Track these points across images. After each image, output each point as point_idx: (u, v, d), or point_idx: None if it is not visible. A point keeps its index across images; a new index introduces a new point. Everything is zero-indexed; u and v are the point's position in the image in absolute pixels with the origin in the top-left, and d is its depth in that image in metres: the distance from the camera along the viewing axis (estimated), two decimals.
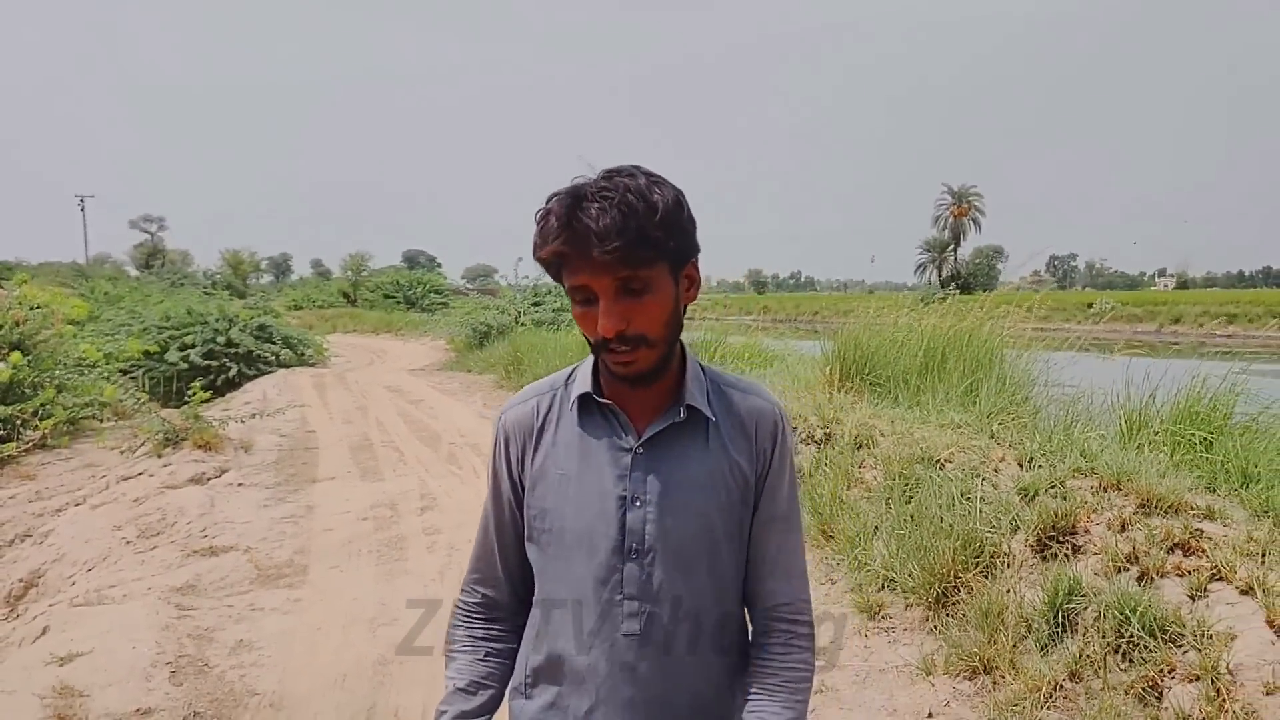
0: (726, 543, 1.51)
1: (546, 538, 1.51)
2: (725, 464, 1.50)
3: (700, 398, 1.50)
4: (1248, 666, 3.29)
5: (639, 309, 1.36)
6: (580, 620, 1.48)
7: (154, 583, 5.75)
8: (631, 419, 1.49)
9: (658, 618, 1.46)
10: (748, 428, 1.53)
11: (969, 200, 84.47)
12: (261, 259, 75.29)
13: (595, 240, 1.30)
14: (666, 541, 1.46)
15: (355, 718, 4.00)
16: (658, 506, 1.46)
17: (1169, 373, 5.87)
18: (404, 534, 6.59)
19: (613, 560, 1.46)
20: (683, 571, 1.47)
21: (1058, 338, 10.96)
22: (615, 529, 1.46)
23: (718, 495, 1.49)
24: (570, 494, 1.49)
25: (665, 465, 1.47)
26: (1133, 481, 4.45)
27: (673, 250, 1.38)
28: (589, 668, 1.48)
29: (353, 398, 14.16)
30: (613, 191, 1.32)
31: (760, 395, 1.58)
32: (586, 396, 1.50)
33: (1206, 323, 49.19)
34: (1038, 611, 3.91)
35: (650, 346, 1.39)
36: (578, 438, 1.50)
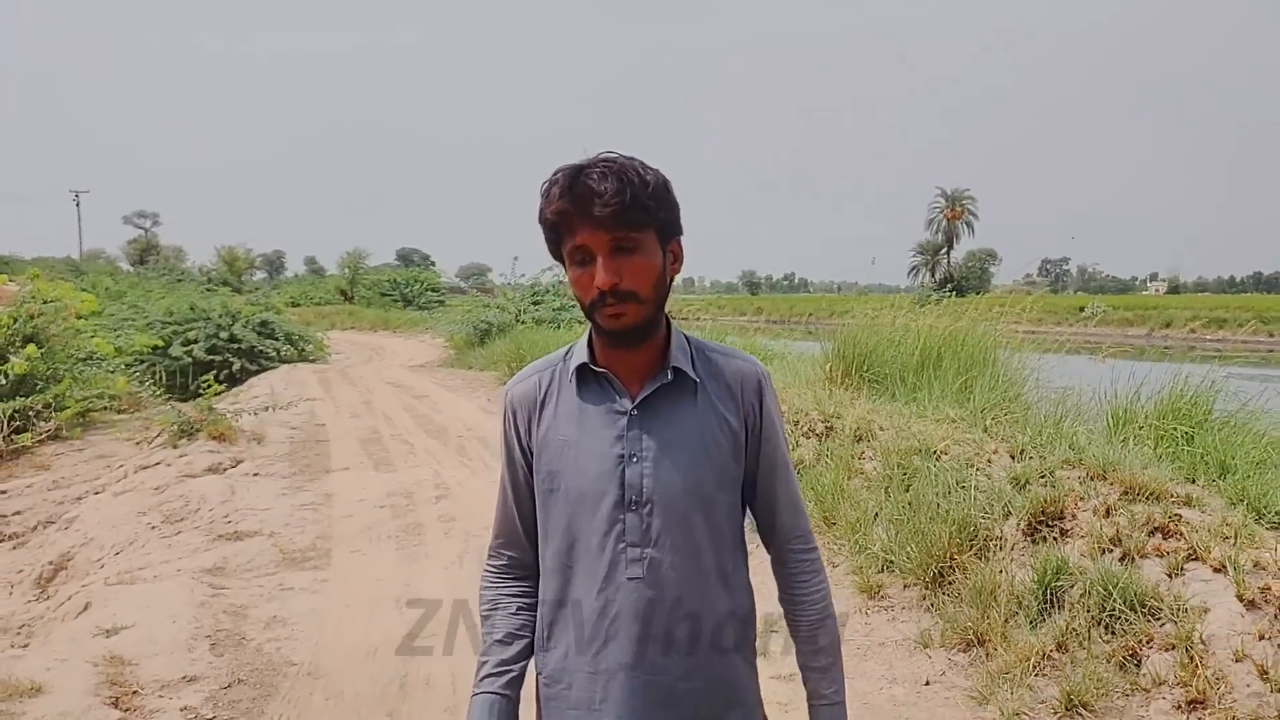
0: (719, 492, 1.65)
1: (554, 498, 1.66)
2: (714, 421, 1.65)
3: (685, 362, 1.65)
4: (1219, 636, 3.59)
5: (631, 266, 1.53)
6: (589, 568, 1.63)
7: (183, 565, 6.01)
8: (625, 385, 1.65)
9: (658, 562, 1.61)
10: (733, 388, 1.68)
11: (962, 203, 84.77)
12: (255, 255, 75.19)
13: (595, 199, 1.48)
14: (663, 493, 1.61)
15: (388, 687, 4.27)
16: (653, 462, 1.61)
17: (1152, 373, 6.18)
18: (421, 521, 6.86)
19: (615, 513, 1.61)
20: (679, 519, 1.62)
21: (1050, 340, 11.28)
22: (616, 485, 1.61)
23: (707, 450, 1.64)
24: (573, 457, 1.64)
25: (658, 424, 1.63)
26: (1117, 471, 4.73)
27: (662, 220, 1.56)
28: (599, 610, 1.62)
29: (358, 393, 14.42)
30: (611, 163, 1.52)
31: (740, 358, 1.73)
32: (583, 367, 1.66)
33: (1196, 327, 49.65)
34: (1027, 589, 4.20)
35: (639, 303, 1.55)
36: (577, 406, 1.66)
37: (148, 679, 4.29)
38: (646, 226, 1.54)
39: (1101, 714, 3.55)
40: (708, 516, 1.64)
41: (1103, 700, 3.59)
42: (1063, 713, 3.58)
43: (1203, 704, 3.42)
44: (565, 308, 22.46)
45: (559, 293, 23.72)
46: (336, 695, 4.19)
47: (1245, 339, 45.04)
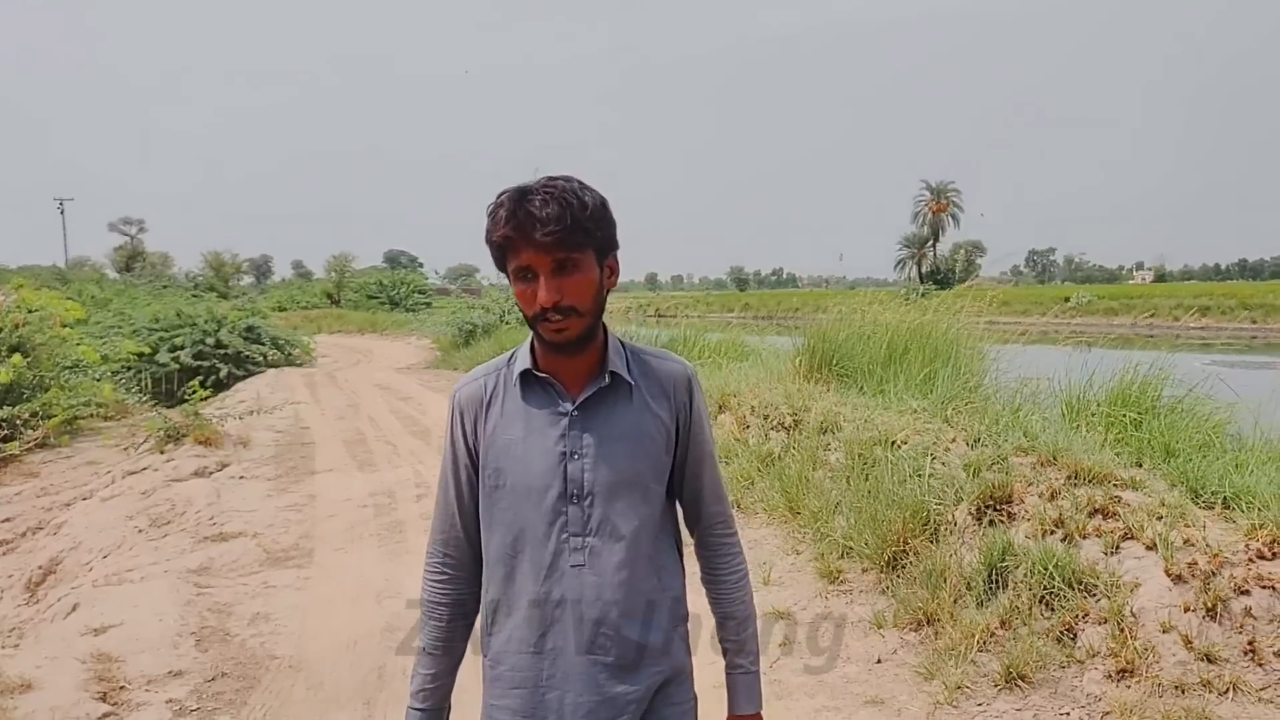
0: (653, 483, 1.80)
1: (500, 493, 1.76)
2: (648, 418, 1.78)
3: (621, 365, 1.78)
4: (1148, 610, 3.80)
5: (571, 284, 1.65)
6: (534, 557, 1.74)
7: (169, 566, 6.17)
8: (566, 388, 1.77)
9: (598, 550, 1.74)
10: (665, 387, 1.81)
11: (947, 196, 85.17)
12: (242, 260, 75.23)
13: (538, 225, 1.60)
14: (602, 486, 1.74)
15: (367, 677, 4.45)
16: (593, 458, 1.74)
17: (1113, 361, 6.41)
18: (403, 519, 7.04)
19: (559, 505, 1.73)
20: (617, 511, 1.75)
21: (1035, 331, 11.47)
22: (559, 479, 1.73)
23: (643, 445, 1.77)
24: (519, 454, 1.75)
25: (597, 423, 1.75)
26: (1065, 457, 4.94)
27: (599, 240, 1.68)
28: (544, 595, 1.73)
29: (344, 395, 14.59)
30: (553, 188, 1.63)
31: (671, 360, 1.87)
32: (527, 372, 1.78)
33: (1181, 315, 50.04)
34: (975, 570, 4.40)
35: (580, 316, 1.67)
36: (521, 408, 1.77)
37: (134, 674, 4.46)
38: (585, 247, 1.66)
39: (1039, 685, 3.76)
40: (644, 506, 1.78)
41: (1040, 672, 3.80)
42: (1002, 685, 3.78)
43: (1131, 673, 3.63)
44: None
45: None
46: (317, 686, 4.37)
47: (1229, 326, 45.56)
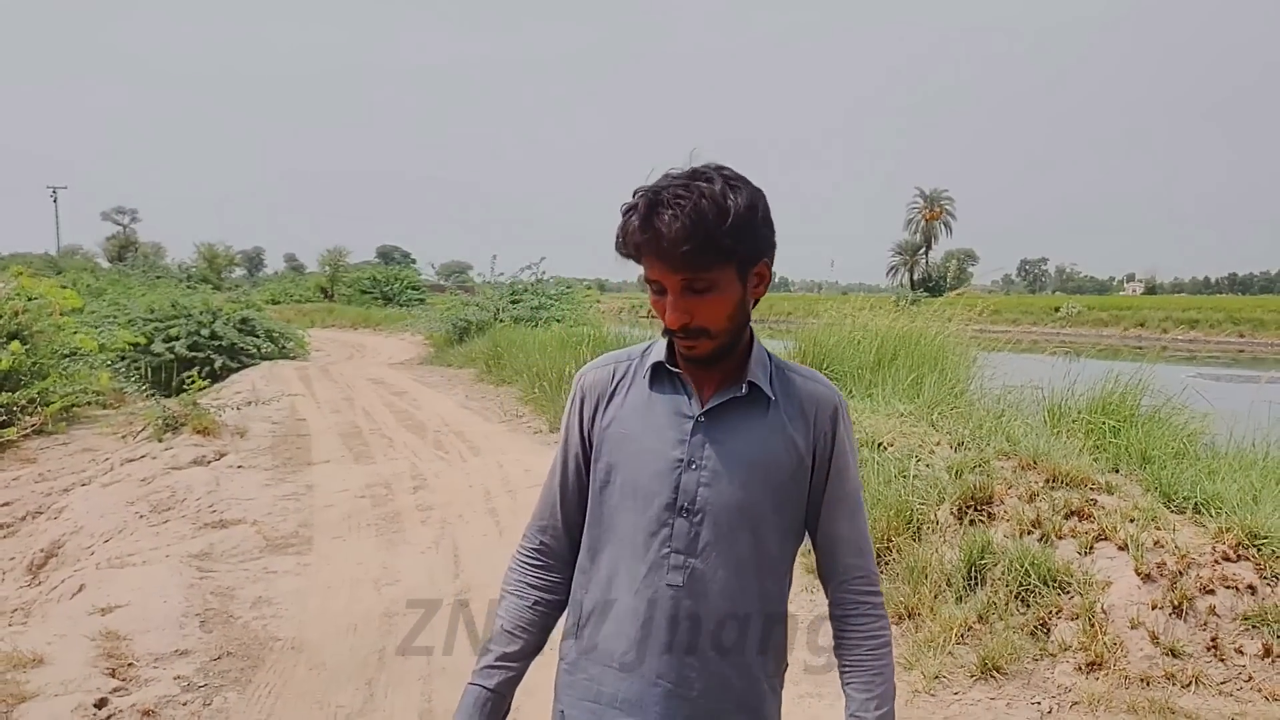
0: (774, 514, 1.61)
1: (609, 490, 1.64)
2: (782, 441, 1.60)
3: (763, 377, 1.62)
4: (1118, 606, 3.99)
5: (702, 306, 1.51)
6: (631, 567, 1.61)
7: (171, 550, 6.31)
8: (698, 390, 1.62)
9: (700, 573, 1.57)
10: (807, 410, 1.63)
11: (940, 204, 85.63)
12: (235, 252, 75.23)
13: (666, 244, 1.45)
14: (716, 504, 1.57)
15: (368, 658, 4.60)
16: (712, 471, 1.57)
17: (1088, 370, 6.63)
18: (399, 510, 7.19)
19: (664, 515, 1.58)
20: (728, 535, 1.58)
21: (1025, 340, 11.70)
22: (670, 487, 1.58)
23: (770, 469, 1.59)
24: (633, 451, 1.62)
25: (724, 435, 1.59)
26: (1045, 461, 5.13)
27: (742, 253, 1.50)
28: (632, 611, 1.59)
29: (338, 389, 14.71)
30: (687, 198, 1.45)
31: (821, 382, 1.68)
32: (659, 365, 1.64)
33: (1169, 327, 50.49)
34: (955, 567, 4.58)
35: (711, 338, 1.54)
36: (645, 402, 1.64)
37: (142, 652, 4.60)
38: (721, 264, 1.50)
39: (1012, 676, 3.94)
40: (757, 536, 1.60)
41: (1014, 664, 3.98)
42: (978, 676, 3.96)
43: (1100, 666, 3.82)
44: (543, 306, 22.77)
45: (537, 291, 24.04)
46: (319, 666, 4.52)
47: (1218, 340, 45.96)
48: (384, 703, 4.15)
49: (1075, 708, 3.70)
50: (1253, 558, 4.04)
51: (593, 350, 12.48)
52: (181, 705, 4.09)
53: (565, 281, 26.67)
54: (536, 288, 24.21)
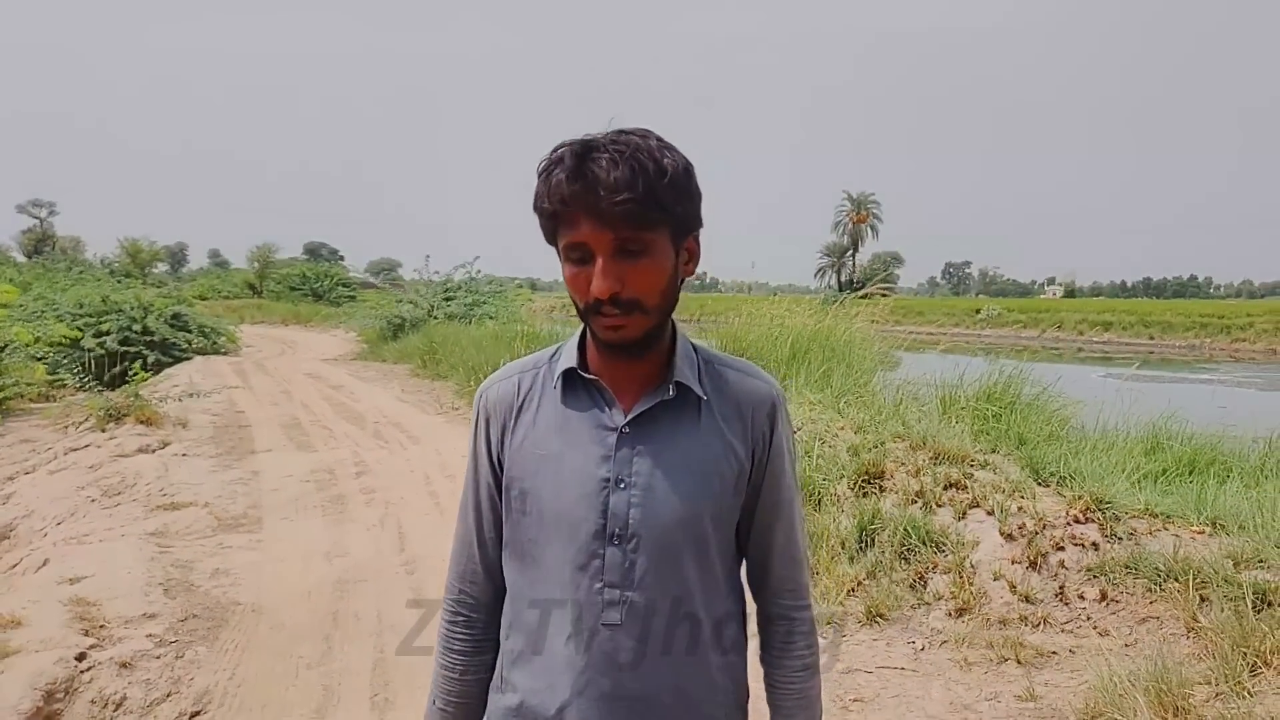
0: (715, 531, 1.44)
1: (526, 521, 1.45)
2: (718, 447, 1.43)
3: (691, 375, 1.44)
4: (985, 562, 4.63)
5: (636, 272, 1.31)
6: (559, 609, 1.42)
7: (126, 530, 6.67)
8: (618, 397, 1.43)
9: (639, 608, 1.39)
10: (743, 409, 1.45)
11: (868, 208, 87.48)
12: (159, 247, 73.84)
13: (603, 191, 1.26)
14: (651, 527, 1.39)
15: (323, 621, 5.06)
16: (643, 490, 1.39)
17: (992, 366, 7.34)
18: (344, 493, 7.62)
19: (593, 545, 1.39)
20: (668, 560, 1.40)
21: (946, 340, 12.47)
22: (597, 512, 1.39)
23: (708, 480, 1.41)
24: (550, 475, 1.42)
25: (653, 446, 1.40)
26: (933, 442, 5.78)
27: (677, 216, 1.34)
28: (566, 659, 1.41)
29: (275, 383, 14.98)
30: (625, 146, 1.28)
31: (757, 376, 1.51)
32: (571, 372, 1.44)
33: (1085, 329, 52.43)
34: (849, 533, 5.20)
35: (644, 313, 1.34)
36: (560, 416, 1.44)
37: (112, 615, 5.00)
38: (659, 225, 1.32)
39: (894, 621, 4.57)
40: (700, 557, 1.43)
41: (895, 612, 4.61)
42: (866, 622, 4.58)
43: (967, 611, 4.46)
44: (477, 303, 23.17)
45: (471, 289, 24.43)
46: (279, 626, 4.97)
47: (1129, 342, 47.85)
48: (340, 654, 4.63)
49: (944, 645, 4.33)
50: (1098, 520, 4.71)
51: (527, 346, 12.98)
52: (155, 658, 4.52)
53: (497, 280, 27.08)
54: (470, 285, 24.61)
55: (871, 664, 4.22)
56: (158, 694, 4.30)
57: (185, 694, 4.28)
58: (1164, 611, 4.16)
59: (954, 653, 4.25)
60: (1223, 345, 43.46)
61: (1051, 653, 4.14)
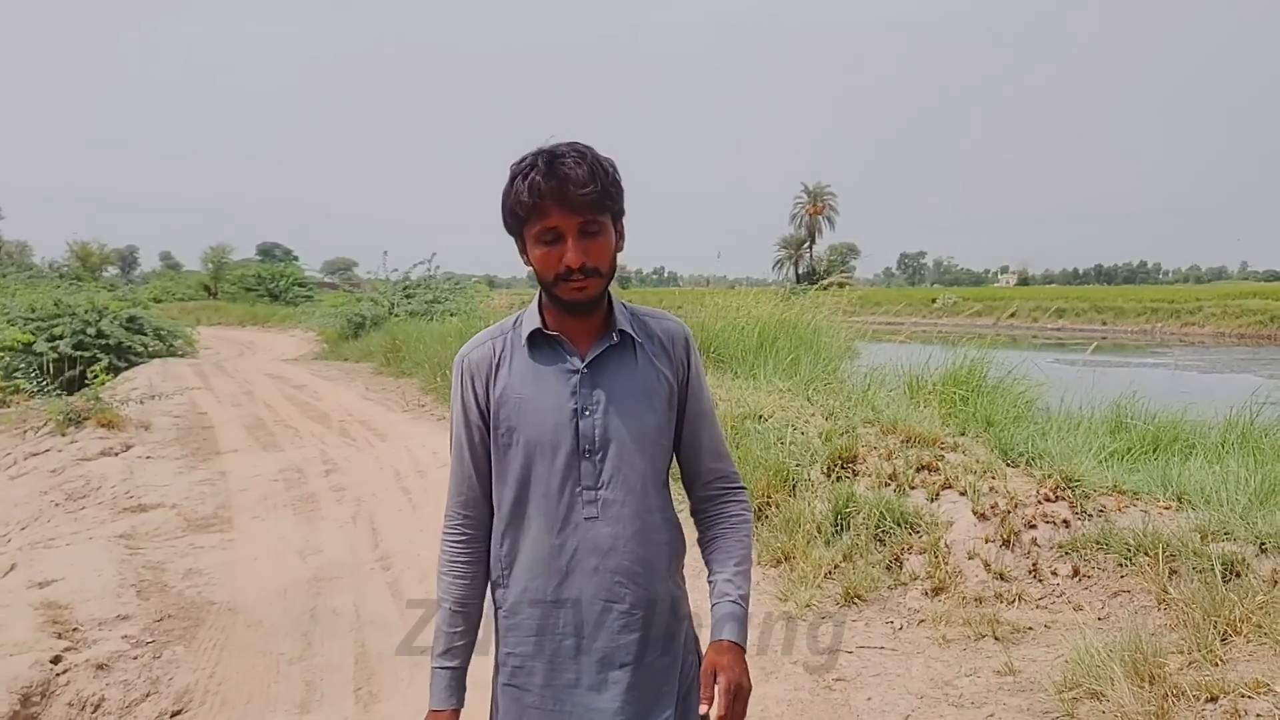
0: (658, 437, 1.86)
1: (513, 450, 1.83)
2: (653, 375, 1.85)
3: (626, 325, 1.85)
4: (959, 542, 4.71)
5: (594, 247, 1.73)
6: (547, 511, 1.81)
7: (94, 534, 6.57)
8: (575, 346, 1.83)
9: (610, 502, 1.80)
10: (666, 345, 1.89)
11: (824, 199, 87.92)
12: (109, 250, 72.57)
13: (572, 186, 1.67)
14: (613, 441, 1.80)
15: (300, 617, 5.03)
16: (604, 413, 1.80)
17: (953, 354, 7.44)
18: (313, 491, 7.56)
19: (571, 460, 1.79)
20: (627, 464, 1.81)
21: (904, 330, 12.63)
22: (571, 435, 1.79)
23: (650, 401, 1.84)
24: (530, 411, 1.81)
25: (606, 380, 1.82)
26: (903, 426, 5.86)
27: (618, 205, 1.78)
28: (558, 547, 1.81)
29: (236, 384, 14.80)
30: (580, 152, 1.71)
31: (669, 319, 1.94)
32: (536, 332, 1.84)
33: (1039, 316, 53.13)
34: (824, 517, 5.25)
35: (600, 277, 1.75)
36: (531, 367, 1.83)
37: (85, 618, 4.93)
38: (607, 210, 1.75)
39: (871, 602, 4.63)
40: (650, 459, 1.85)
41: (873, 593, 4.67)
42: (843, 603, 4.63)
43: (943, 590, 4.52)
44: (438, 300, 23.04)
45: (430, 287, 24.30)
46: (256, 624, 4.93)
47: (1082, 327, 48.59)
48: (321, 649, 4.60)
49: (922, 624, 4.39)
50: (1068, 498, 4.80)
51: None
52: (133, 659, 4.47)
53: (456, 277, 26.95)
54: (428, 283, 24.48)
55: (851, 644, 4.28)
56: (136, 694, 4.26)
57: (165, 693, 4.24)
58: (1135, 585, 4.26)
59: (932, 631, 4.32)
60: (1173, 329, 44.24)
61: (1027, 628, 4.22)
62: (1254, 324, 41.51)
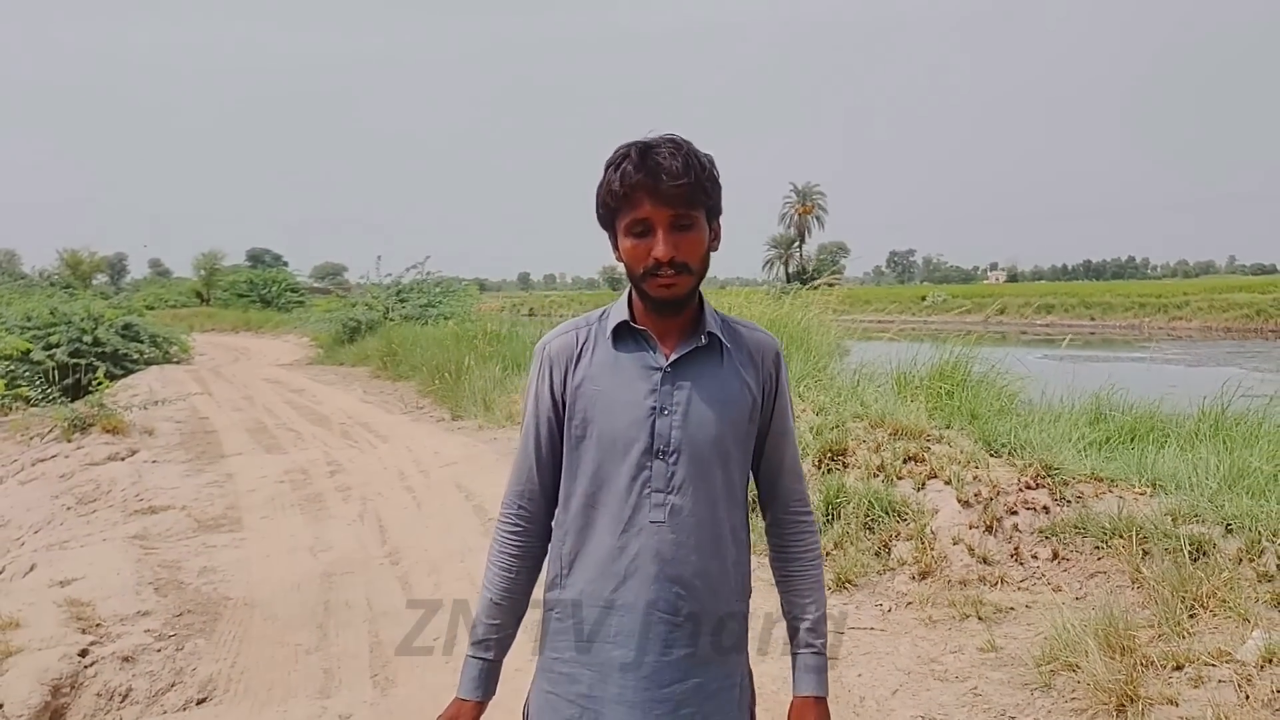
0: (735, 449, 1.77)
1: (586, 444, 1.76)
2: (738, 384, 1.78)
3: (716, 329, 1.79)
4: (944, 528, 4.94)
5: (685, 241, 1.67)
6: (614, 511, 1.74)
7: (107, 535, 6.77)
8: (661, 344, 1.76)
9: (679, 508, 1.72)
10: (755, 357, 1.81)
11: (813, 199, 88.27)
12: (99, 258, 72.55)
13: (665, 177, 1.62)
14: (689, 445, 1.72)
15: (315, 610, 5.24)
16: (683, 415, 1.73)
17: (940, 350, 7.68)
18: (320, 491, 7.77)
19: (643, 459, 1.72)
20: (701, 470, 1.73)
21: (893, 328, 12.87)
22: (646, 433, 1.72)
23: (731, 409, 1.76)
24: (606, 405, 1.75)
25: (689, 382, 1.74)
26: (891, 420, 6.09)
27: (713, 200, 1.72)
28: (620, 549, 1.73)
29: (236, 389, 15.00)
30: (676, 144, 1.67)
31: (761, 332, 1.88)
32: (622, 325, 1.77)
33: (1028, 313, 53.54)
34: (816, 508, 5.47)
35: (689, 274, 1.69)
36: (613, 359, 1.77)
37: (107, 614, 5.13)
38: (701, 206, 1.69)
39: (861, 587, 4.86)
40: (725, 471, 1.77)
41: (862, 578, 4.90)
42: (834, 588, 4.86)
43: (929, 574, 4.76)
44: (432, 304, 23.23)
45: (423, 290, 24.47)
46: (272, 617, 5.14)
47: (1071, 323, 48.97)
48: (336, 639, 4.81)
49: (909, 606, 4.62)
50: (1048, 485, 5.04)
51: (489, 345, 13.16)
52: (157, 651, 4.67)
53: (447, 281, 27.10)
54: (421, 286, 24.65)
55: (843, 625, 4.50)
56: (162, 684, 4.46)
57: (189, 683, 4.45)
58: (1111, 566, 4.49)
59: (919, 612, 4.55)
60: (1160, 324, 44.63)
61: (1009, 608, 4.45)
62: (1240, 318, 41.95)
